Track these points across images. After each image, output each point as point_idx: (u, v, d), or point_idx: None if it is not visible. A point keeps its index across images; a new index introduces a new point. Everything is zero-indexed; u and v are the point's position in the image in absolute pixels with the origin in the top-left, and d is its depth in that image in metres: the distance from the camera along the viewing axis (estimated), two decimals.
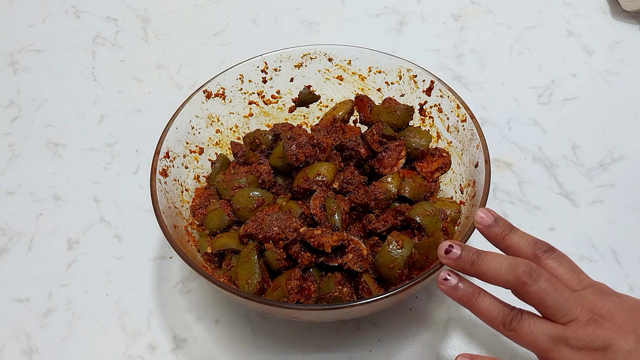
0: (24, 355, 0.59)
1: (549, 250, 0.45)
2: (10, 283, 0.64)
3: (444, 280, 0.45)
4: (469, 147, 0.60)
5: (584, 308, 0.42)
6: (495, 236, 0.47)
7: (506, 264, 0.43)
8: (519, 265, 0.43)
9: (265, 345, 0.58)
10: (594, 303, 0.42)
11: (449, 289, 0.45)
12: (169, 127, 0.61)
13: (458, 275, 0.45)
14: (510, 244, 0.46)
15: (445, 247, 0.46)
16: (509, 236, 0.46)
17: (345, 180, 0.59)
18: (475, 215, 0.48)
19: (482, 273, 0.44)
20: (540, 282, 0.42)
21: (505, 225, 0.47)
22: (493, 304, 0.44)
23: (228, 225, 0.59)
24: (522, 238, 0.46)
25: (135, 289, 0.63)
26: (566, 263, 0.45)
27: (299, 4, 0.96)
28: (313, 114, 0.73)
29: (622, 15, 0.90)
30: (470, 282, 0.45)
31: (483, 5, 0.94)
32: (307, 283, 0.53)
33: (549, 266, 0.44)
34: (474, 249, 0.46)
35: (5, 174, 0.75)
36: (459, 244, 0.46)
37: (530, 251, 0.45)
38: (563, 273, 0.44)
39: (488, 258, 0.45)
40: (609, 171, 0.71)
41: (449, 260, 0.46)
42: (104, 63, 0.89)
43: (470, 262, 0.45)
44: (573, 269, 0.45)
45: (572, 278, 0.44)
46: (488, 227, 0.47)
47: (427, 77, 0.65)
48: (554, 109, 0.78)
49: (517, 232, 0.47)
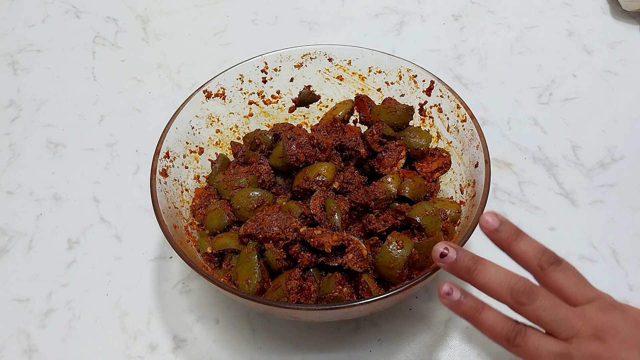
0: (24, 355, 0.59)
1: (555, 262, 0.43)
2: (10, 283, 0.64)
3: (447, 295, 0.43)
4: (469, 147, 0.60)
5: (586, 323, 0.41)
6: (501, 241, 0.45)
7: (505, 281, 0.42)
8: (517, 283, 0.42)
9: (265, 345, 0.58)
10: (597, 318, 0.41)
11: (452, 303, 0.43)
12: (169, 127, 0.61)
13: (461, 289, 0.43)
14: (516, 252, 0.44)
15: (441, 250, 0.44)
16: (516, 242, 0.44)
17: (345, 180, 0.59)
18: (480, 218, 0.45)
19: (480, 285, 0.43)
20: (537, 301, 0.41)
21: (511, 231, 0.45)
22: (497, 319, 0.42)
23: (228, 225, 0.59)
24: (529, 246, 0.44)
25: (135, 289, 0.63)
26: (572, 275, 0.43)
27: (299, 4, 0.96)
28: (313, 114, 0.73)
29: (622, 15, 0.90)
30: (473, 296, 0.43)
31: (483, 5, 0.94)
32: (307, 283, 0.53)
33: (553, 278, 0.43)
34: (470, 254, 0.44)
35: (5, 174, 0.75)
36: (455, 247, 0.44)
37: (536, 262, 0.44)
38: (568, 286, 0.43)
39: (486, 270, 0.43)
40: (609, 171, 0.71)
41: (443, 264, 0.44)
42: (104, 63, 0.89)
43: (467, 269, 0.43)
44: (578, 282, 0.43)
45: (577, 291, 0.43)
46: (494, 232, 0.45)
47: (427, 77, 0.65)
48: (554, 109, 0.78)
49: (525, 239, 0.45)
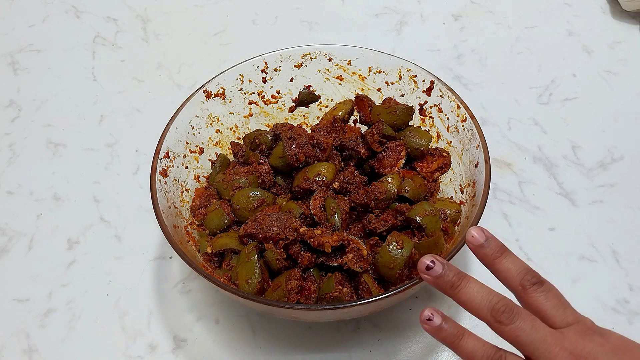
0: (24, 355, 0.59)
1: (537, 283, 0.43)
2: (10, 283, 0.64)
3: (427, 321, 0.43)
4: (469, 147, 0.60)
5: (563, 349, 0.40)
6: (485, 257, 0.45)
7: (486, 300, 0.42)
8: (498, 303, 0.42)
9: (265, 345, 0.58)
10: (575, 344, 0.41)
11: (433, 329, 0.43)
12: (169, 127, 0.61)
13: (442, 314, 0.43)
14: (500, 269, 0.44)
15: (427, 263, 0.44)
16: (500, 260, 0.44)
17: (345, 180, 0.59)
18: (467, 233, 0.45)
19: (461, 302, 0.43)
20: (516, 322, 0.41)
21: (497, 247, 0.45)
22: (477, 346, 0.42)
23: (228, 225, 0.59)
24: (513, 264, 0.44)
25: (135, 289, 0.63)
26: (553, 297, 0.43)
27: (299, 4, 0.96)
28: (313, 114, 0.73)
29: (622, 15, 0.90)
30: (454, 323, 0.43)
31: (483, 5, 0.94)
32: (307, 283, 0.53)
33: (534, 299, 0.43)
34: (456, 269, 0.44)
35: (5, 174, 0.75)
36: (442, 261, 0.44)
37: (518, 281, 0.43)
38: (548, 308, 0.42)
39: (469, 287, 0.43)
40: (609, 171, 0.71)
41: (428, 277, 0.44)
42: (104, 63, 0.89)
43: (450, 285, 0.43)
44: (558, 305, 0.43)
45: (557, 314, 0.42)
46: (479, 248, 0.45)
47: (427, 77, 0.65)
48: (554, 109, 0.78)
49: (509, 257, 0.44)
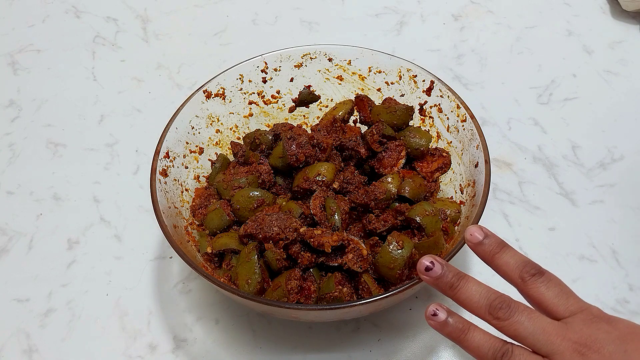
0: (24, 355, 0.59)
1: (537, 274, 0.43)
2: (10, 283, 0.64)
3: (433, 316, 0.43)
4: (469, 147, 0.60)
5: (567, 339, 0.40)
6: (485, 254, 0.45)
7: (484, 298, 0.42)
8: (495, 300, 0.42)
9: (265, 345, 0.58)
10: (579, 333, 0.40)
11: (438, 324, 0.43)
12: (169, 127, 0.61)
13: (447, 310, 0.43)
14: (499, 264, 0.44)
15: (426, 264, 0.44)
16: (499, 255, 0.44)
17: (345, 180, 0.59)
18: (466, 231, 0.45)
19: (460, 301, 0.43)
20: (514, 316, 0.41)
21: (495, 243, 0.45)
22: (483, 340, 0.42)
23: (228, 225, 0.59)
24: (512, 258, 0.44)
25: (135, 289, 0.63)
26: (554, 287, 0.43)
27: (299, 4, 0.96)
28: (313, 114, 0.72)
29: (622, 15, 0.90)
30: (459, 317, 0.43)
31: (483, 5, 0.94)
32: (307, 283, 0.53)
33: (535, 290, 0.43)
34: (455, 270, 0.44)
35: (5, 174, 0.75)
36: (441, 261, 0.44)
37: (517, 273, 0.43)
38: (550, 298, 0.42)
39: (468, 286, 0.43)
40: (609, 171, 0.71)
41: (427, 278, 0.44)
42: (104, 63, 0.89)
43: (450, 285, 0.43)
44: (561, 294, 0.43)
45: (559, 303, 0.42)
46: (478, 245, 0.45)
47: (427, 77, 0.65)
48: (554, 109, 0.78)
49: (508, 252, 0.44)
